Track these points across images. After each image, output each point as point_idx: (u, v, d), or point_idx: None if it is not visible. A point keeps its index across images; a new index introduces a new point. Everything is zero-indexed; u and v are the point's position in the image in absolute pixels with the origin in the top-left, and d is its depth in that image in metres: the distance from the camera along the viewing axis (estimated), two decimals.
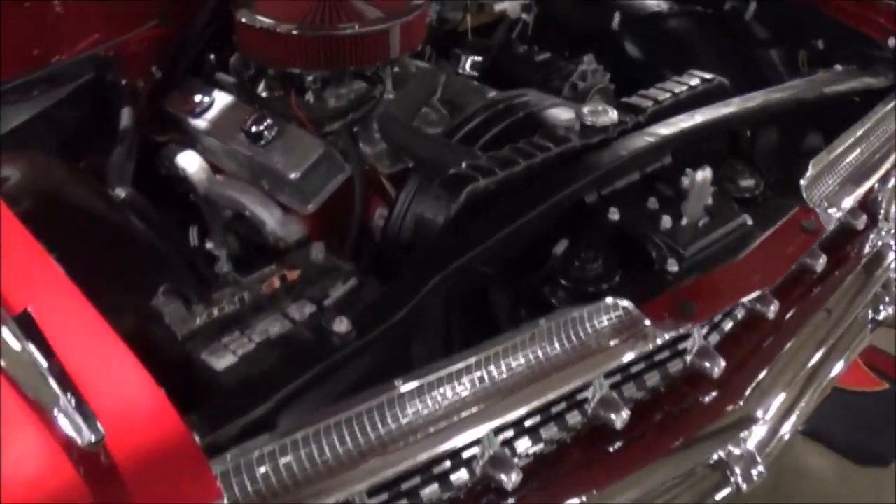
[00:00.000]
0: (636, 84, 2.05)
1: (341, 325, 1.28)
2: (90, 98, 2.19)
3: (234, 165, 2.16)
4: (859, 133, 1.98)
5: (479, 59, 2.38)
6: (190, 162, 2.19)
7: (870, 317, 2.20)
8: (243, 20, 2.13)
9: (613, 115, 1.72)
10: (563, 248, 1.60)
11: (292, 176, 1.99)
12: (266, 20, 2.10)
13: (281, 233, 2.02)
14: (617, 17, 2.64)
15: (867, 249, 2.17)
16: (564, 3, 2.77)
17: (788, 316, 1.89)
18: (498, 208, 1.55)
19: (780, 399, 1.80)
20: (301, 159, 2.00)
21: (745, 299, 1.64)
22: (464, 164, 1.62)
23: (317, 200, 2.01)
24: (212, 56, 2.35)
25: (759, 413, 1.75)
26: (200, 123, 2.20)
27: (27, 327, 1.15)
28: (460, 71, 2.41)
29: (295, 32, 2.06)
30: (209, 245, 2.21)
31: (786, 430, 1.84)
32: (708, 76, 1.95)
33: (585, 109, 1.72)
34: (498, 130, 1.86)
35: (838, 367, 2.04)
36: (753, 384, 1.75)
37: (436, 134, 1.98)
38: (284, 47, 2.08)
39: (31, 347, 1.11)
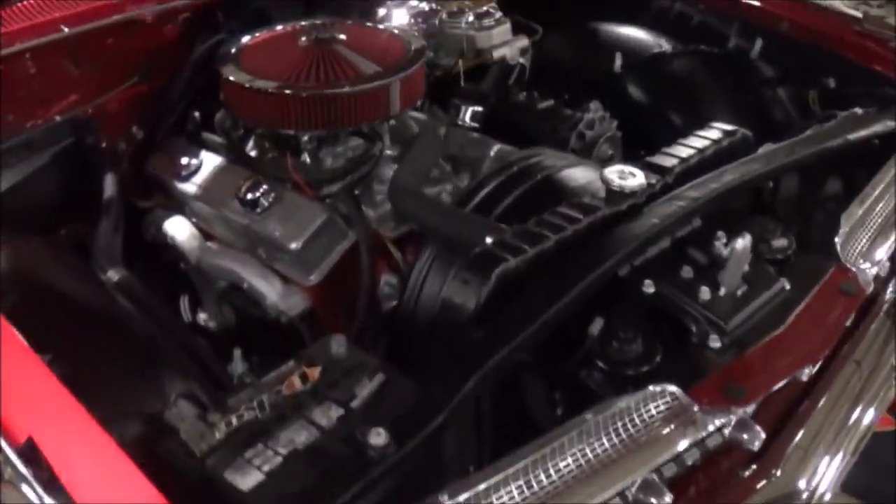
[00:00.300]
0: (641, 127, 1.96)
1: (378, 438, 1.18)
2: (70, 164, 2.07)
3: (227, 233, 2.03)
4: (886, 180, 1.89)
5: (479, 109, 2.27)
6: (179, 229, 2.06)
7: (894, 363, 2.13)
8: (231, 78, 2.00)
9: (641, 178, 1.62)
10: (598, 327, 1.49)
11: (293, 246, 1.87)
12: (255, 78, 1.97)
13: (283, 306, 1.90)
14: (618, 60, 2.55)
15: (889, 295, 2.09)
16: (563, 46, 2.68)
17: (817, 369, 1.80)
18: (531, 291, 1.44)
19: (822, 464, 1.72)
20: (301, 228, 1.88)
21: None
22: (489, 241, 1.51)
23: (319, 271, 1.90)
24: (196, 114, 2.22)
25: (802, 484, 1.66)
26: (189, 188, 2.07)
27: (33, 462, 1.06)
28: (460, 122, 2.29)
29: (288, 92, 1.93)
30: (202, 316, 2.09)
31: (825, 489, 1.76)
32: (730, 128, 1.84)
33: (612, 174, 1.61)
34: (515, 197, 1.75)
35: (870, 418, 1.97)
36: (791, 450, 1.66)
37: (450, 204, 1.86)
38: (277, 108, 1.94)
39: (40, 489, 1.02)
